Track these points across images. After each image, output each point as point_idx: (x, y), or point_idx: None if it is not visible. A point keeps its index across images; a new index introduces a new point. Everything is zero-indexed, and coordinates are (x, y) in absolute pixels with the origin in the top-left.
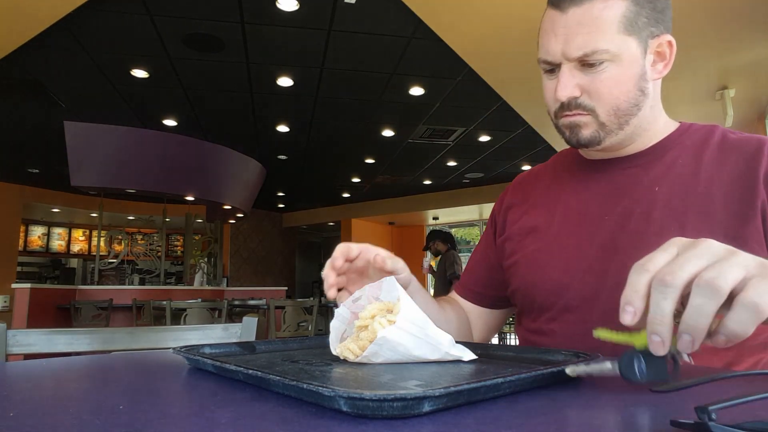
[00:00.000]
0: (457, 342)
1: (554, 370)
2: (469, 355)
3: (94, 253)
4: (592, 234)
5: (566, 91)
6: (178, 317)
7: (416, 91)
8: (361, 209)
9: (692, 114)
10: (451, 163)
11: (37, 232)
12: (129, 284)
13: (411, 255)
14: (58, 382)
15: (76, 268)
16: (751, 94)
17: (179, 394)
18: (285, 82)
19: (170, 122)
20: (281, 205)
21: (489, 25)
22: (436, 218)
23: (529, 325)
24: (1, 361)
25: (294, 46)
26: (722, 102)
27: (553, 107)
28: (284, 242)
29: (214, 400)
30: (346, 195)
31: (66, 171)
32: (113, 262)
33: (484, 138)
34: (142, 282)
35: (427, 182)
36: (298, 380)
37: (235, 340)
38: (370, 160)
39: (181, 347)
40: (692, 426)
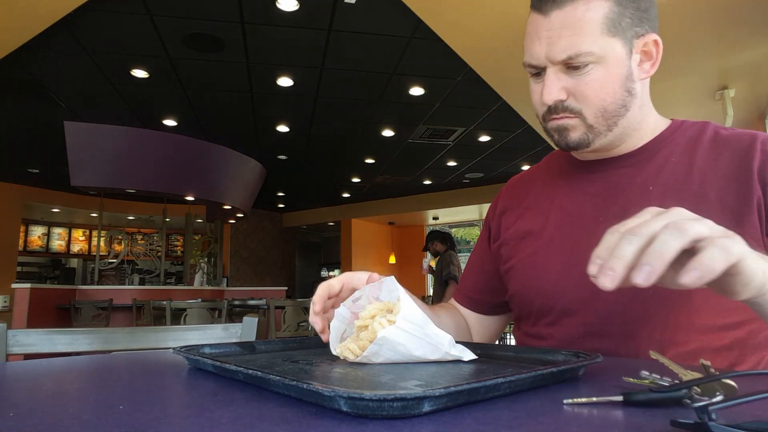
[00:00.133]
0: (457, 342)
1: (554, 370)
2: (469, 355)
3: (94, 253)
4: (588, 236)
5: (552, 94)
6: (178, 317)
7: (416, 91)
8: (361, 209)
9: (692, 114)
10: (451, 163)
11: (37, 232)
12: (129, 284)
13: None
14: (58, 382)
15: (76, 268)
16: (751, 94)
17: (179, 394)
18: (285, 82)
19: (170, 122)
20: (281, 205)
21: (489, 25)
22: (436, 218)
23: (528, 330)
24: (1, 361)
25: (294, 46)
26: (722, 102)
27: (540, 111)
28: (284, 242)
29: (214, 400)
30: (346, 195)
31: (66, 171)
32: (113, 262)
33: (484, 138)
34: (142, 282)
35: (427, 182)
36: (298, 380)
37: (235, 340)
38: (370, 160)
39: (181, 347)
40: (692, 426)
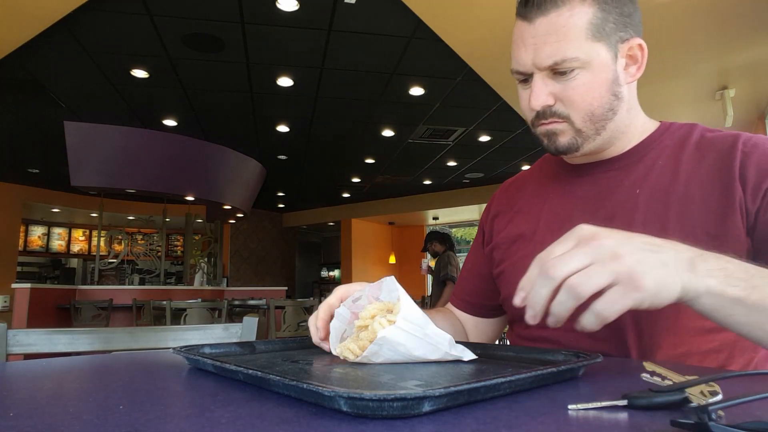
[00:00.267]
0: (457, 342)
1: (554, 370)
2: (469, 355)
3: (94, 253)
4: None
5: (540, 99)
6: (178, 317)
7: (416, 91)
8: (361, 209)
9: (692, 114)
10: (451, 163)
11: (37, 232)
12: (129, 284)
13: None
14: (58, 382)
15: (76, 268)
16: (751, 94)
17: (179, 394)
18: (285, 82)
19: (170, 122)
20: (281, 205)
21: (489, 25)
22: (436, 218)
23: (521, 332)
24: (1, 361)
25: (294, 46)
26: (722, 102)
27: (529, 116)
28: (284, 242)
29: (214, 400)
30: (346, 195)
31: (66, 171)
32: (113, 262)
33: (484, 138)
34: (142, 282)
35: (427, 182)
36: (298, 380)
37: (235, 340)
38: (370, 160)
39: (181, 347)
40: (692, 426)
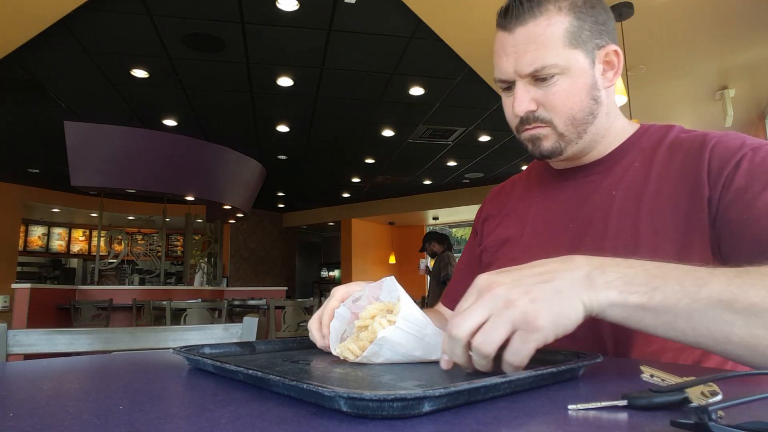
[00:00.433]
0: None
1: (554, 370)
2: None
3: (94, 253)
4: (559, 241)
5: (522, 105)
6: (178, 317)
7: (416, 91)
8: (361, 209)
9: (692, 114)
10: (451, 163)
11: (37, 232)
12: (129, 284)
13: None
14: (58, 382)
15: (76, 268)
16: (751, 94)
17: (179, 394)
18: (285, 82)
19: (170, 122)
20: (281, 205)
21: (489, 25)
22: (436, 218)
23: None
24: (1, 361)
25: (294, 46)
26: (722, 102)
27: (513, 123)
28: (284, 242)
29: (214, 400)
30: (346, 195)
31: (66, 171)
32: (113, 262)
33: (484, 138)
34: (142, 282)
35: (427, 182)
36: (298, 380)
37: (235, 340)
38: (370, 160)
39: (181, 347)
40: (692, 426)
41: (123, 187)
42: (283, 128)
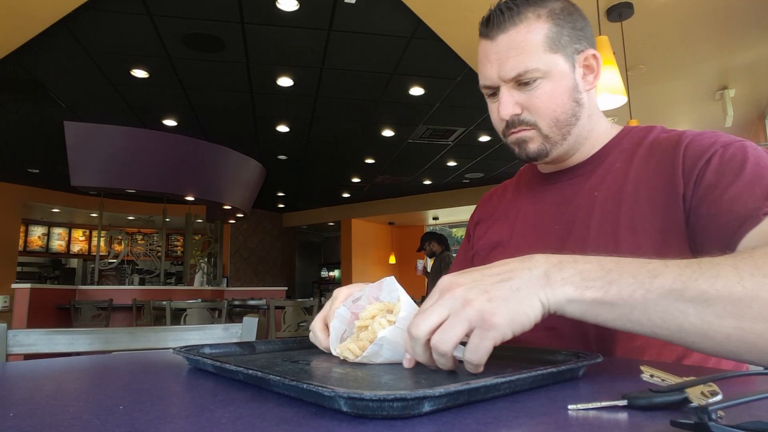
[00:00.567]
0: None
1: (554, 370)
2: None
3: (94, 253)
4: (545, 243)
5: (508, 109)
6: (178, 317)
7: (416, 91)
8: (361, 209)
9: (692, 114)
10: (451, 163)
11: (37, 232)
12: (129, 284)
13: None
14: (58, 382)
15: (76, 268)
16: (751, 94)
17: (179, 394)
18: (285, 82)
19: (170, 122)
20: (281, 205)
21: None
22: (436, 218)
23: None
24: (1, 361)
25: (294, 46)
26: (722, 102)
27: (500, 127)
28: (284, 242)
29: (214, 400)
30: (346, 195)
31: (66, 171)
32: (113, 262)
33: (484, 138)
34: (142, 282)
35: (427, 182)
36: (298, 380)
37: (235, 340)
38: (370, 160)
39: (181, 347)
40: (692, 426)
41: (123, 187)
42: (283, 128)
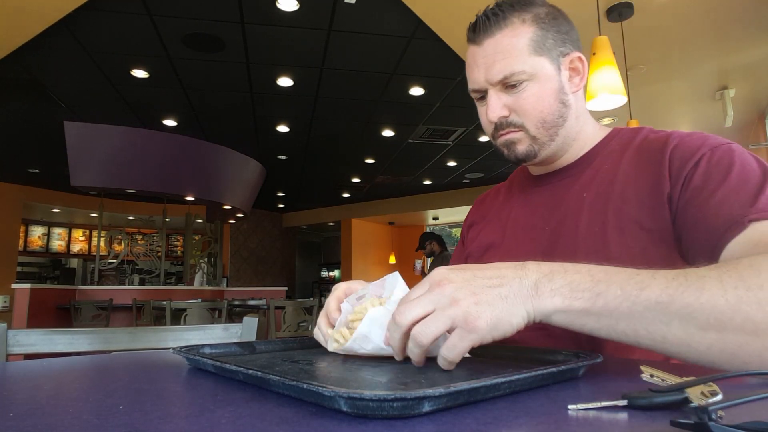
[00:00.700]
0: None
1: (554, 370)
2: None
3: (94, 253)
4: (536, 245)
5: (496, 111)
6: (178, 317)
7: (416, 91)
8: (361, 209)
9: (692, 114)
10: (451, 163)
11: (37, 232)
12: (129, 284)
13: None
14: (58, 382)
15: (76, 268)
16: (751, 94)
17: (179, 394)
18: (285, 82)
19: (170, 122)
20: (281, 205)
21: None
22: (436, 218)
23: None
24: (1, 361)
25: (294, 46)
26: (722, 102)
27: (489, 129)
28: (284, 242)
29: (214, 400)
30: (346, 195)
31: (66, 171)
32: (113, 262)
33: (484, 138)
34: (142, 282)
35: (427, 182)
36: (298, 380)
37: (235, 340)
38: (370, 160)
39: (181, 347)
40: (692, 426)
41: (123, 187)
42: (282, 128)
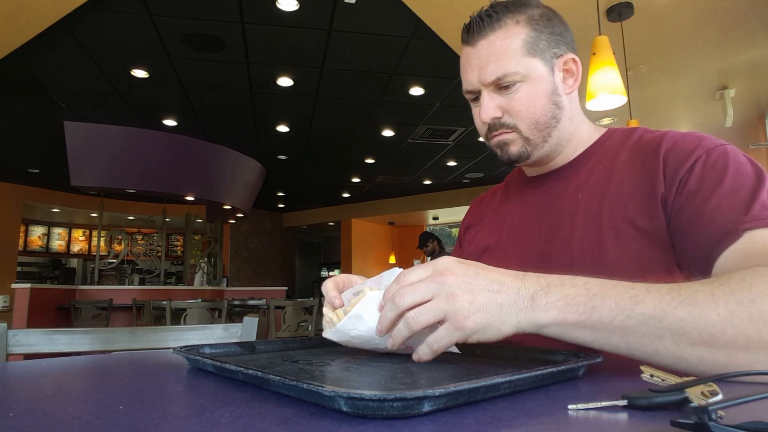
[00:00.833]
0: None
1: (554, 370)
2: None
3: (94, 253)
4: (532, 246)
5: (489, 112)
6: (178, 317)
7: (416, 91)
8: (361, 209)
9: (692, 114)
10: (451, 163)
11: (37, 232)
12: (129, 284)
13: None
14: (58, 382)
15: (76, 268)
16: (751, 94)
17: (179, 394)
18: (285, 82)
19: (170, 122)
20: (281, 205)
21: None
22: (436, 218)
23: None
24: (1, 361)
25: (294, 46)
26: (722, 102)
27: (482, 130)
28: (284, 242)
29: (214, 400)
30: (346, 195)
31: (66, 171)
32: (113, 262)
33: None
34: (142, 282)
35: (427, 182)
36: (298, 380)
37: (235, 340)
38: (370, 160)
39: (181, 347)
40: (692, 426)
41: (123, 187)
42: (283, 128)
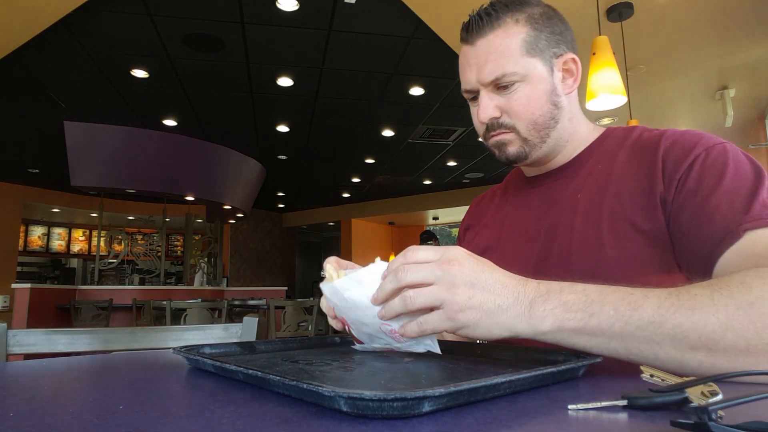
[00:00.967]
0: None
1: (554, 370)
2: None
3: (94, 253)
4: (532, 247)
5: (487, 112)
6: (178, 317)
7: (416, 91)
8: (361, 209)
9: (692, 114)
10: (451, 163)
11: (37, 232)
12: (129, 284)
13: None
14: (58, 382)
15: (76, 268)
16: (751, 94)
17: (179, 394)
18: (285, 82)
19: (170, 122)
20: (281, 205)
21: None
22: (436, 218)
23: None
24: (1, 361)
25: (294, 46)
26: (722, 102)
27: (480, 130)
28: (284, 242)
29: (214, 400)
30: (346, 195)
31: (66, 171)
32: (113, 262)
33: None
34: (142, 282)
35: (427, 182)
36: (298, 380)
37: (235, 340)
38: (370, 160)
39: (181, 347)
40: (692, 426)
41: (123, 187)
42: (283, 128)
